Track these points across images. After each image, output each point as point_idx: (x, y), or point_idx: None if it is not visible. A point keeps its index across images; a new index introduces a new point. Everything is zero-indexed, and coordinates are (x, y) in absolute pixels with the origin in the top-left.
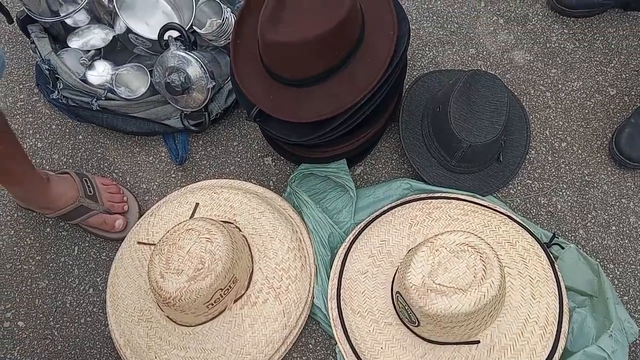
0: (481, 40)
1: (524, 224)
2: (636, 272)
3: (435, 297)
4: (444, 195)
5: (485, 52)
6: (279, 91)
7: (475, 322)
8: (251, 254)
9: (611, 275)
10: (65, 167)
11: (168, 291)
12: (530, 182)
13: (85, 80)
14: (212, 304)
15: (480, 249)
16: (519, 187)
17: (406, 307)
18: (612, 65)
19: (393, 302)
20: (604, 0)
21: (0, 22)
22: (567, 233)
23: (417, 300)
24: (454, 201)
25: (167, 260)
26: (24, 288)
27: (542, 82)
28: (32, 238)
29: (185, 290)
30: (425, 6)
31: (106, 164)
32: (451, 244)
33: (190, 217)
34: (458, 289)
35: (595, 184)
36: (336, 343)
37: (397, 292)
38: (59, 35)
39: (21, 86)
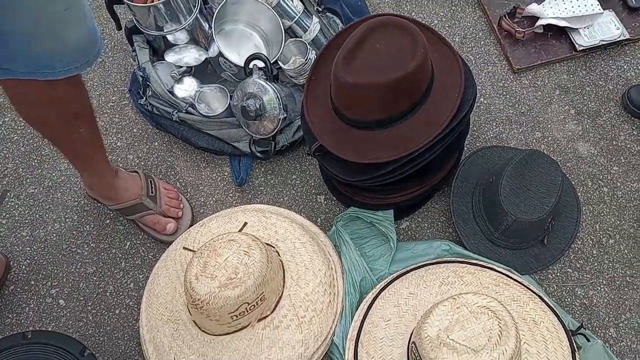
0: (549, 126)
1: (553, 307)
2: None
3: (446, 352)
4: (480, 262)
5: (550, 138)
6: (342, 131)
7: None
8: (284, 279)
9: None
10: (137, 168)
11: (199, 293)
12: (571, 271)
13: (172, 92)
14: (237, 316)
15: (500, 316)
16: (558, 274)
17: (418, 358)
18: None
19: (407, 353)
20: None
21: (110, 29)
22: (597, 329)
23: (428, 351)
24: (488, 270)
25: (204, 264)
26: (72, 270)
27: (601, 176)
28: (92, 226)
29: (214, 295)
30: (501, 84)
31: (173, 173)
32: (473, 304)
33: None
34: (470, 348)
35: (636, 286)
36: None
37: (413, 342)
38: (159, 49)
39: (115, 89)
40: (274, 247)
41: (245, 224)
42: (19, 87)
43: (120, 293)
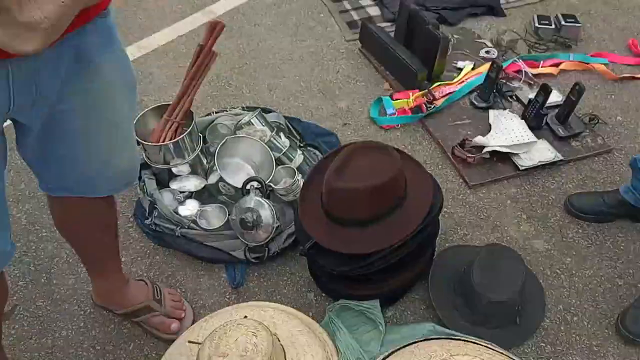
0: (506, 228)
1: None
2: None
3: None
4: (463, 338)
5: (508, 237)
6: (332, 229)
7: None
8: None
9: None
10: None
11: None
12: (544, 345)
13: (176, 212)
14: None
15: None
16: (533, 348)
17: None
18: (621, 262)
19: None
20: (612, 210)
21: None
22: None
23: None
24: (472, 344)
25: (216, 345)
26: None
27: (558, 266)
28: (97, 331)
29: None
30: (461, 197)
31: (173, 281)
32: None
33: None
34: None
35: (602, 354)
36: None
37: None
38: (163, 180)
39: (120, 215)
40: (274, 335)
41: (245, 316)
42: (65, 203)
43: None
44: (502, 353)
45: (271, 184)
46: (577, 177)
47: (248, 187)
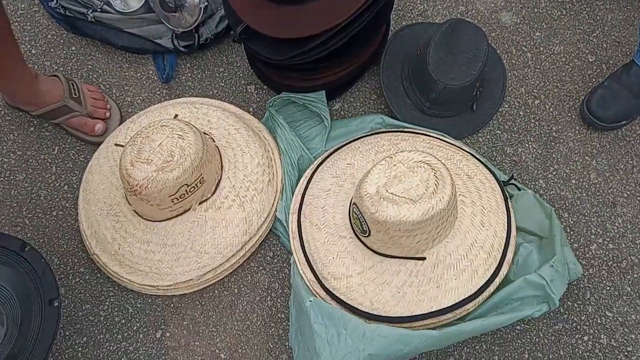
0: (472, 0)
1: (485, 163)
2: (589, 224)
3: (386, 205)
4: (413, 130)
5: (474, 11)
6: (266, 8)
7: (422, 235)
8: (222, 163)
9: (564, 224)
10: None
11: (136, 179)
12: (500, 132)
13: None
14: (177, 199)
15: (436, 167)
16: (488, 136)
17: (359, 217)
18: (595, 35)
19: (349, 217)
20: None
21: None
22: (527, 182)
23: (369, 207)
24: (422, 136)
25: (138, 150)
26: (1, 179)
27: (525, 43)
28: (16, 134)
29: (152, 179)
30: None
31: (95, 75)
32: (409, 161)
33: None
34: (409, 199)
35: (561, 140)
36: (292, 254)
37: (354, 203)
38: None
39: None
40: (208, 135)
41: (176, 115)
42: None
43: (55, 196)
44: (453, 144)
45: None
46: None
47: None
